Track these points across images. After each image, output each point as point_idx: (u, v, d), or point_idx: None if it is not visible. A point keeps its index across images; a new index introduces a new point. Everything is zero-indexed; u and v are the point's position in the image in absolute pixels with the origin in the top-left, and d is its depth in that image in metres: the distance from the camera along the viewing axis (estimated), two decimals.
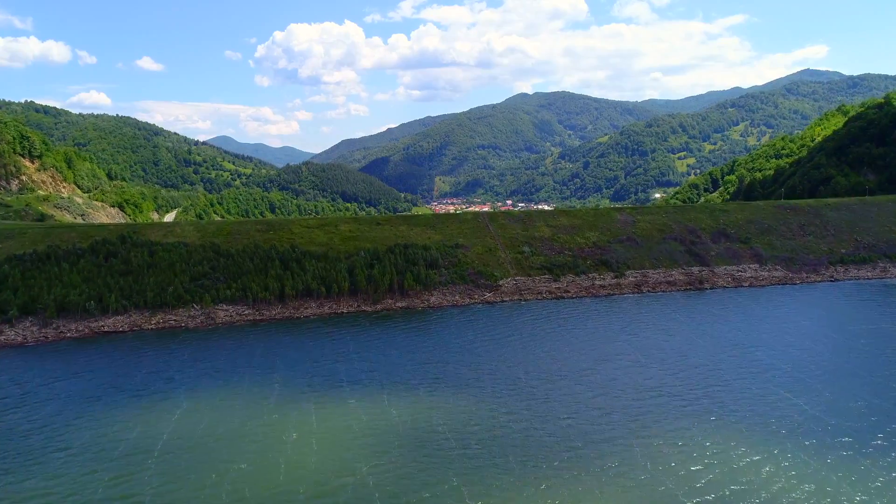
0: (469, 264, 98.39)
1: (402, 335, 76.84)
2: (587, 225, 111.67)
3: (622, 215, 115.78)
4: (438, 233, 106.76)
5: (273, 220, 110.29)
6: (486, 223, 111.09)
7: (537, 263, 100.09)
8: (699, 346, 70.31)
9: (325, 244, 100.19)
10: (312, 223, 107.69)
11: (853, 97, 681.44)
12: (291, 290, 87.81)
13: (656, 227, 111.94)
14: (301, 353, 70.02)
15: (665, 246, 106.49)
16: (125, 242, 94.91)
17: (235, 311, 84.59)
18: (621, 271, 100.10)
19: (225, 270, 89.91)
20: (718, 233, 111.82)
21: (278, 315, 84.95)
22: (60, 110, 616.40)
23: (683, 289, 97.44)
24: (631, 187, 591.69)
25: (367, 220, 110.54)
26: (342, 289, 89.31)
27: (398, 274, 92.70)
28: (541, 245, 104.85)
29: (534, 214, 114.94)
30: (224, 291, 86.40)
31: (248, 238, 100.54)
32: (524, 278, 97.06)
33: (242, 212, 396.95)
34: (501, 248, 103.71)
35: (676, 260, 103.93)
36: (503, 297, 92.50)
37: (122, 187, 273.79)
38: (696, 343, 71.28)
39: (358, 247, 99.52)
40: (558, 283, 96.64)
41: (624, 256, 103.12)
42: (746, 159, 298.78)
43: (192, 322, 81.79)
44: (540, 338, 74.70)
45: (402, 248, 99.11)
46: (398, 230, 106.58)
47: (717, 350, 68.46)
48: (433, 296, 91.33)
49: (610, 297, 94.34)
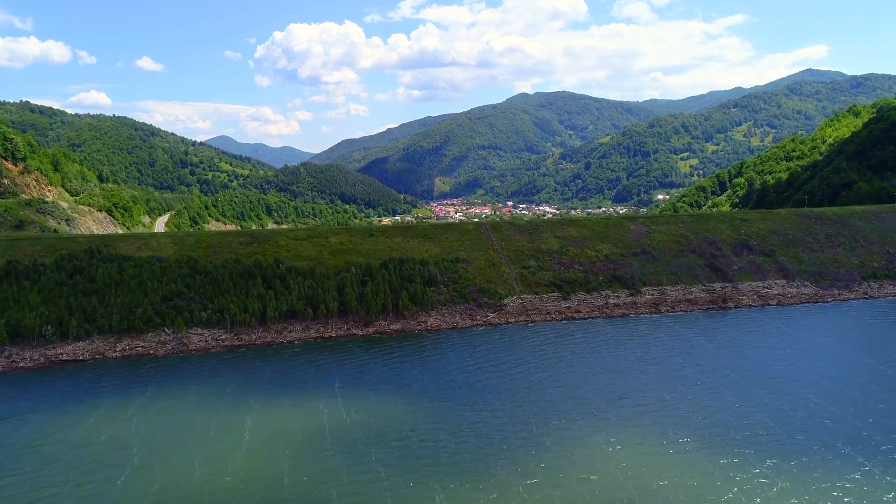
0: (470, 280, 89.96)
1: (394, 365, 68.39)
2: (598, 236, 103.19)
3: (635, 225, 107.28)
4: (437, 245, 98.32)
5: (258, 232, 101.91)
6: (488, 234, 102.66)
7: (545, 280, 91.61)
8: (731, 379, 61.86)
9: (314, 258, 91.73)
10: (300, 234, 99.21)
11: (857, 97, 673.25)
12: (274, 311, 79.37)
13: (673, 239, 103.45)
14: (279, 389, 61.55)
15: (683, 259, 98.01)
16: (93, 257, 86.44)
17: (211, 336, 76.13)
18: (637, 288, 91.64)
19: (201, 289, 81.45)
20: (740, 244, 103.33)
21: (259, 340, 76.48)
22: (56, 110, 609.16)
23: (705, 308, 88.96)
24: (633, 188, 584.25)
25: (360, 231, 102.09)
26: (330, 310, 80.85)
27: (392, 292, 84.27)
28: (548, 259, 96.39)
29: (540, 224, 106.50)
30: (199, 313, 77.94)
31: (229, 252, 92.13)
32: (531, 296, 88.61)
33: (238, 214, 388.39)
34: (505, 261, 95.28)
35: (696, 275, 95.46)
36: (508, 317, 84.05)
37: (112, 190, 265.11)
38: (727, 375, 62.84)
39: (349, 261, 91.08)
40: (568, 301, 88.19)
41: (639, 271, 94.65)
42: (755, 161, 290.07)
43: (162, 349, 73.31)
44: (550, 368, 66.28)
45: (397, 262, 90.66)
46: (393, 242, 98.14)
47: (752, 385, 60.05)
48: (431, 317, 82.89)
49: (625, 317, 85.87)
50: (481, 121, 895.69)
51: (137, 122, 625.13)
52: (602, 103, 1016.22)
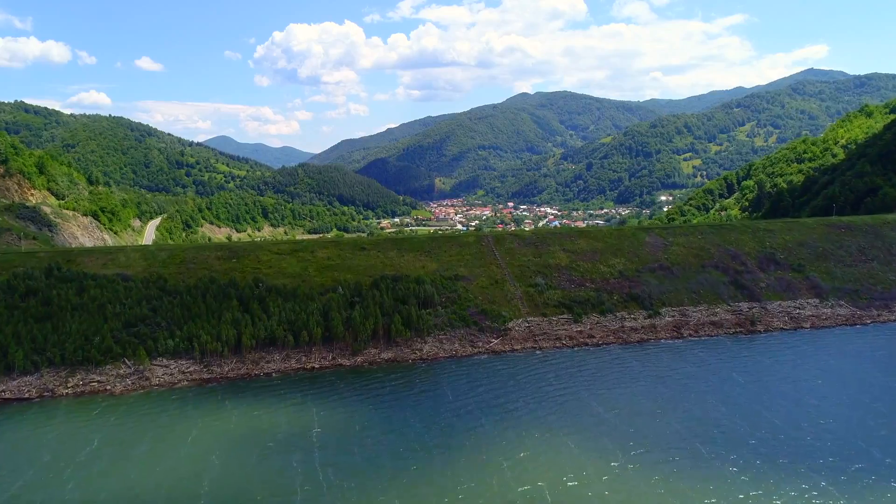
0: (471, 301, 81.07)
1: (383, 405, 59.49)
2: (611, 249, 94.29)
3: (651, 237, 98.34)
4: (434, 260, 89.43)
5: (238, 246, 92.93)
6: (490, 247, 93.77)
7: (554, 299, 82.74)
8: (775, 427, 53.01)
9: (298, 276, 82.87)
10: (284, 248, 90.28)
11: (861, 97, 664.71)
12: (251, 338, 70.46)
13: (692, 252, 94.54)
14: (247, 439, 52.65)
15: (705, 276, 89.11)
16: (51, 275, 77.60)
17: (178, 368, 67.24)
18: (655, 309, 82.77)
19: (169, 313, 72.51)
20: (766, 258, 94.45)
21: (232, 372, 67.60)
22: (51, 110, 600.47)
23: (732, 332, 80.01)
24: (636, 189, 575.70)
25: (350, 245, 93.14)
26: (314, 337, 71.93)
27: (384, 316, 75.38)
28: (557, 275, 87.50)
29: (547, 236, 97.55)
30: (165, 342, 69.03)
31: (204, 268, 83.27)
32: (538, 319, 79.70)
33: (233, 217, 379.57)
34: (510, 279, 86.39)
35: (720, 294, 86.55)
36: (513, 344, 75.14)
37: (99, 194, 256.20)
38: (768, 421, 53.97)
39: (336, 279, 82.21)
40: (580, 325, 79.30)
41: (657, 290, 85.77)
42: (764, 163, 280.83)
43: (121, 384, 64.40)
44: (561, 408, 57.45)
45: (389, 280, 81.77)
46: (386, 257, 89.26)
47: (795, 432, 51.19)
48: (427, 344, 73.98)
49: (644, 343, 76.95)
50: (482, 121, 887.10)
51: (134, 122, 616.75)
52: (603, 103, 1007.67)
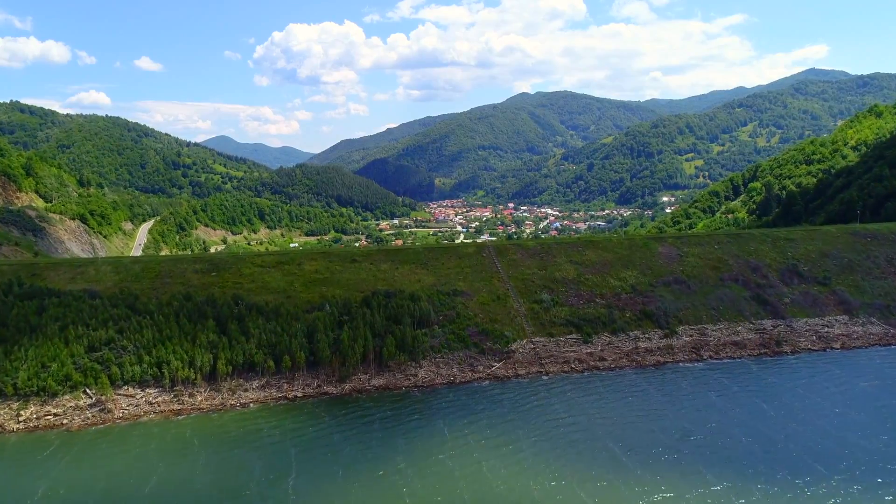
0: (471, 319, 74.21)
1: (371, 443, 52.65)
2: (621, 260, 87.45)
3: (664, 247, 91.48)
4: (431, 273, 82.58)
5: (219, 258, 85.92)
6: (492, 259, 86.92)
7: (561, 317, 75.86)
8: (819, 474, 46.21)
9: (282, 291, 76.02)
10: (268, 260, 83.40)
11: (864, 96, 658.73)
12: (227, 364, 63.61)
13: (710, 264, 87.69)
14: (210, 491, 45.86)
15: (725, 290, 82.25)
16: (10, 292, 70.77)
17: (145, 399, 60.42)
18: (672, 328, 75.90)
19: (137, 335, 65.62)
20: (788, 270, 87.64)
21: (205, 403, 60.74)
22: (47, 111, 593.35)
23: (756, 353, 73.15)
24: (637, 190, 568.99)
25: (340, 256, 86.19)
26: (297, 362, 65.09)
27: (375, 337, 68.54)
28: (564, 290, 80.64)
29: (552, 247, 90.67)
30: (131, 368, 62.18)
31: (181, 283, 76.46)
32: (544, 339, 72.83)
33: (228, 220, 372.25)
34: (513, 294, 79.52)
35: (741, 310, 79.70)
36: (517, 368, 68.29)
37: (89, 196, 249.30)
38: (813, 470, 47.17)
39: (324, 295, 75.36)
40: (590, 346, 72.43)
41: (673, 306, 78.90)
42: (771, 164, 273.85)
43: (79, 417, 57.58)
44: (574, 452, 50.64)
45: (382, 297, 74.90)
46: (379, 270, 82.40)
47: (848, 483, 44.42)
48: (422, 368, 67.13)
49: (660, 367, 70.09)
50: (482, 121, 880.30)
51: (131, 122, 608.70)
52: (604, 103, 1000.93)
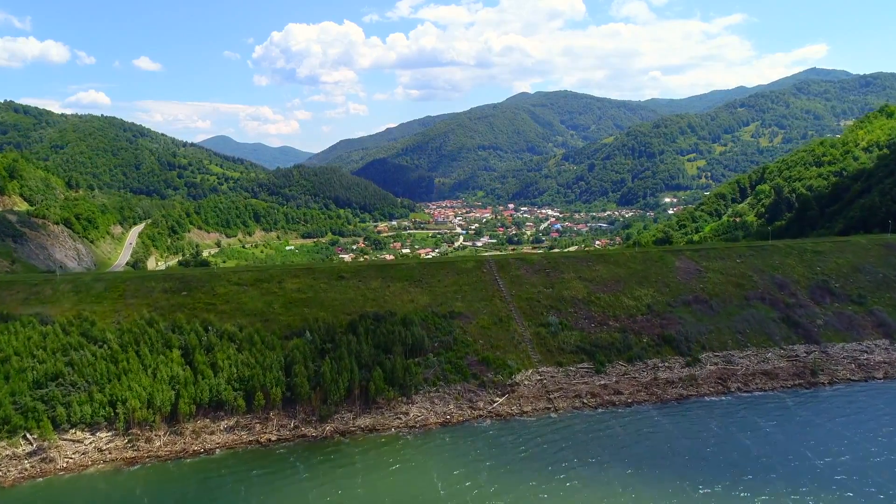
0: (470, 346, 66.25)
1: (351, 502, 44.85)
2: (635, 276, 79.51)
3: (682, 261, 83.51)
4: (426, 291, 74.60)
5: (190, 275, 77.73)
6: (493, 274, 78.97)
7: (570, 343, 67.91)
8: None
9: (259, 314, 68.08)
10: (246, 278, 75.35)
11: (866, 96, 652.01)
12: (190, 403, 55.68)
13: (732, 280, 79.75)
14: None
15: (751, 311, 74.34)
16: None
17: (94, 444, 52.50)
18: (694, 355, 67.97)
19: (90, 368, 57.67)
20: (818, 287, 79.76)
21: (164, 450, 52.82)
22: (42, 110, 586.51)
23: (790, 384, 65.17)
24: (639, 191, 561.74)
25: (326, 273, 78.11)
26: (272, 399, 57.18)
27: (362, 368, 60.62)
28: (573, 311, 72.70)
29: (559, 261, 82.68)
30: (80, 408, 54.23)
31: (147, 304, 68.52)
32: (552, 369, 64.90)
33: (223, 222, 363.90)
34: (516, 316, 71.59)
35: (770, 334, 71.77)
36: (522, 404, 60.31)
37: (76, 199, 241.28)
38: None
39: (306, 318, 67.41)
40: (603, 376, 64.45)
41: (695, 329, 70.98)
42: (779, 166, 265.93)
43: (15, 469, 49.62)
44: None
45: (370, 320, 66.97)
46: (368, 288, 74.41)
47: None
48: (414, 405, 59.18)
49: (683, 401, 62.13)
50: (481, 120, 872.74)
51: (126, 122, 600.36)
52: (604, 102, 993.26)
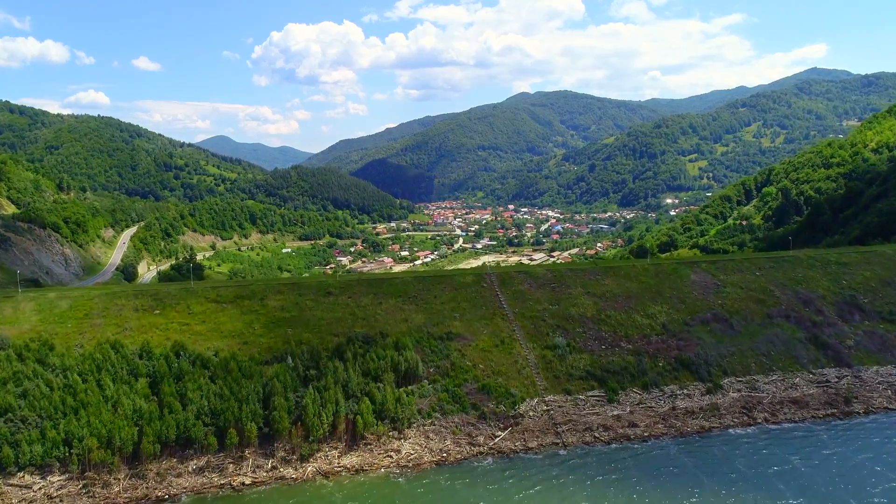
0: (469, 372, 60.15)
1: None
2: (648, 291, 73.40)
3: (697, 274, 77.40)
4: (421, 309, 68.48)
5: (165, 292, 71.16)
6: (494, 289, 72.86)
7: (579, 368, 61.81)
8: None
9: (238, 335, 61.99)
10: (225, 294, 69.15)
11: (868, 96, 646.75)
12: (154, 441, 49.50)
13: (752, 296, 73.64)
14: None
15: (775, 330, 68.26)
16: None
17: (43, 492, 46.32)
18: (715, 380, 61.87)
19: (44, 401, 51.59)
20: (846, 303, 73.70)
21: (123, 496, 46.66)
22: (38, 110, 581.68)
23: (822, 414, 59.09)
24: (640, 192, 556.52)
25: (313, 288, 71.86)
26: (248, 435, 51.05)
27: (349, 398, 54.54)
28: (582, 331, 66.58)
29: (566, 274, 76.50)
30: (30, 447, 48.08)
31: (115, 324, 62.42)
32: (560, 398, 58.79)
33: (218, 224, 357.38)
34: (520, 337, 65.49)
35: (797, 356, 65.70)
36: (527, 439, 54.24)
37: (66, 202, 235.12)
38: None
39: (289, 340, 61.31)
40: (616, 405, 58.36)
41: (715, 351, 64.89)
42: (786, 168, 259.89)
43: None
44: None
45: (359, 343, 60.88)
46: (359, 305, 68.28)
47: None
48: (407, 440, 53.09)
49: (705, 434, 56.05)
50: (481, 120, 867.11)
51: (123, 122, 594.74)
52: (604, 102, 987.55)
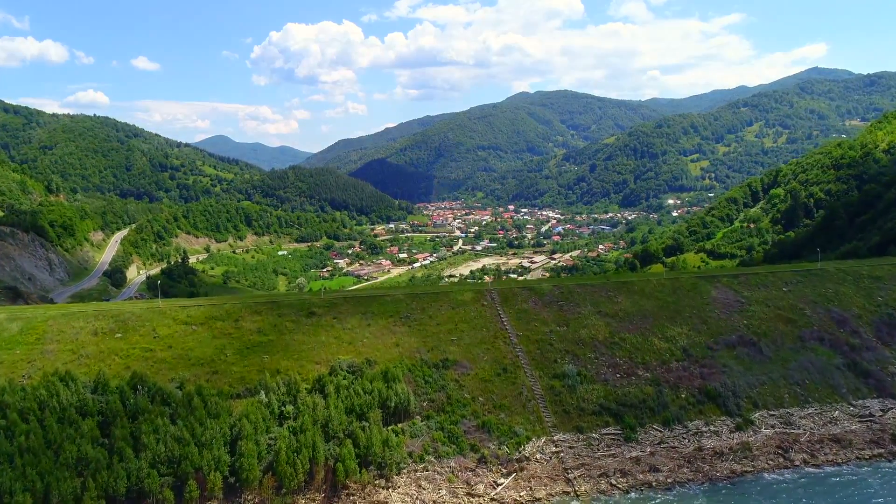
0: (467, 406, 53.06)
1: None
2: (665, 310, 66.30)
3: (718, 289, 70.27)
4: (414, 331, 61.38)
5: (128, 313, 63.83)
6: (495, 308, 65.75)
7: (592, 401, 54.73)
8: None
9: (208, 363, 54.92)
10: (196, 315, 61.95)
11: (871, 96, 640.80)
12: (99, 496, 42.32)
13: (781, 315, 66.57)
14: None
15: (808, 356, 61.21)
16: None
17: None
18: (745, 414, 54.82)
19: None
20: (885, 323, 66.62)
21: None
22: (32, 110, 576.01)
23: (868, 455, 52.03)
24: (641, 192, 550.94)
25: (295, 308, 64.64)
26: (211, 487, 43.95)
27: (330, 440, 47.48)
28: (594, 357, 59.53)
29: (574, 290, 69.25)
30: None
31: (69, 350, 55.33)
32: (571, 437, 51.71)
33: (212, 226, 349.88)
34: (525, 363, 58.42)
35: (835, 385, 58.68)
36: (534, 487, 47.17)
37: (52, 205, 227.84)
38: None
39: (264, 368, 54.23)
40: (635, 446, 51.29)
41: (743, 380, 57.79)
42: (793, 169, 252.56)
43: None
44: None
45: (344, 374, 53.79)
46: (344, 328, 61.15)
47: None
48: (396, 490, 45.97)
49: (737, 479, 48.99)
50: (481, 120, 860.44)
51: (119, 122, 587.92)
52: (604, 102, 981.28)
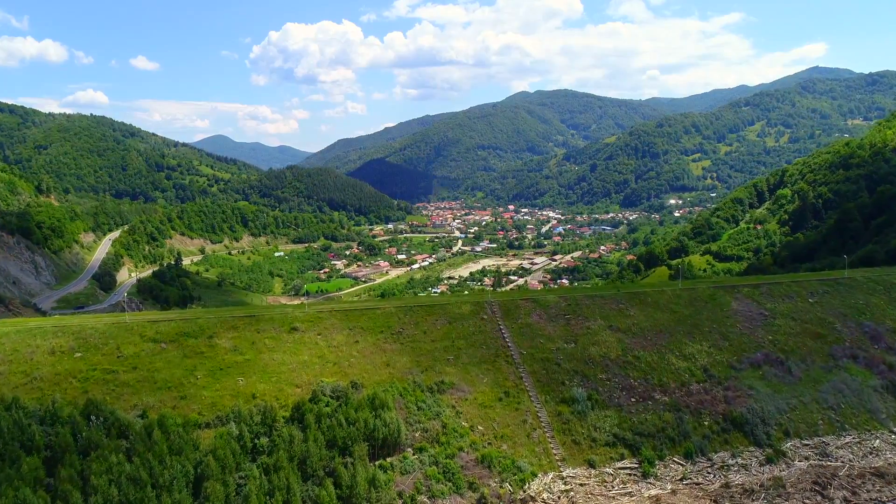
0: (464, 436, 47.24)
1: None
2: (683, 324, 60.49)
3: (739, 301, 64.44)
4: (407, 349, 55.58)
5: (90, 329, 58.04)
6: (496, 322, 59.89)
7: (605, 430, 48.89)
8: None
9: (175, 386, 49.10)
10: (166, 332, 56.03)
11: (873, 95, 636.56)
12: None
13: (809, 329, 60.81)
14: None
15: (842, 376, 55.42)
16: None
17: None
18: (775, 444, 49.02)
19: None
20: None
21: None
22: (28, 109, 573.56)
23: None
24: (643, 192, 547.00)
25: (276, 322, 58.81)
26: None
27: (309, 479, 41.68)
28: (605, 377, 53.73)
29: (582, 302, 63.40)
30: None
31: (22, 373, 49.49)
32: (581, 472, 45.91)
33: (208, 227, 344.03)
34: (529, 386, 52.57)
35: (873, 410, 52.89)
36: None
37: (40, 206, 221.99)
38: None
39: (238, 393, 48.46)
40: (654, 482, 45.46)
41: (772, 404, 51.98)
42: (801, 169, 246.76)
43: None
44: None
45: (327, 400, 47.94)
46: (329, 345, 55.29)
47: None
48: None
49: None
50: (481, 120, 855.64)
51: (116, 121, 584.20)
52: (604, 101, 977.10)
